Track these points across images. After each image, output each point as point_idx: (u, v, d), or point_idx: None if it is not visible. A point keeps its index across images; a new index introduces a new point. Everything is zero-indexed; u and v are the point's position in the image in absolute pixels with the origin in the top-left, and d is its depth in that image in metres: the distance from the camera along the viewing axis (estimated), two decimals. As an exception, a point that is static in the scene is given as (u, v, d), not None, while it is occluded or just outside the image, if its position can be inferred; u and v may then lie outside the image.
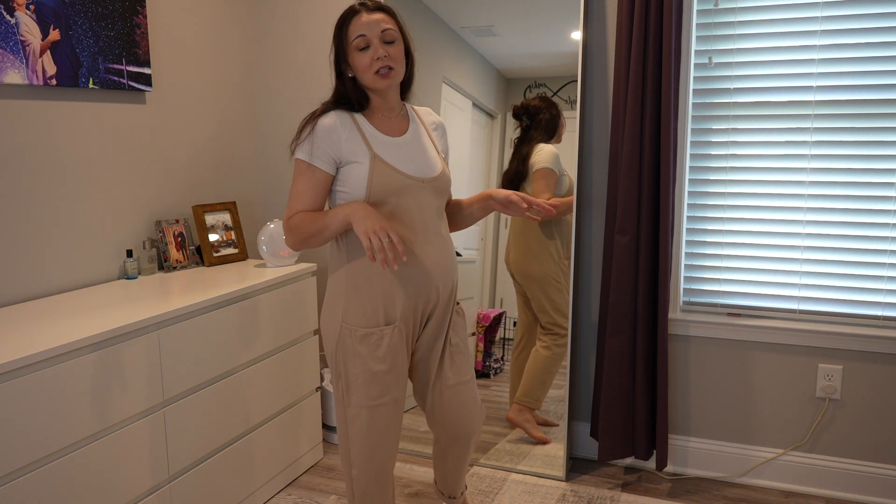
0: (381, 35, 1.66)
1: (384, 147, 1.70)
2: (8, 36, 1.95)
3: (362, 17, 1.67)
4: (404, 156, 1.72)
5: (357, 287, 1.70)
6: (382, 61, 1.65)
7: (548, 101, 2.57)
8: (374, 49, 1.66)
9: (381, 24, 1.66)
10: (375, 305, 1.69)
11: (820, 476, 2.48)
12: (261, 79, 3.04)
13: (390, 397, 1.73)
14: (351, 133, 1.69)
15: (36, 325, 1.80)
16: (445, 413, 1.86)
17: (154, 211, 2.53)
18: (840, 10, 2.29)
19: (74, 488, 1.71)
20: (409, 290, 1.70)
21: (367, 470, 1.76)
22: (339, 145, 1.68)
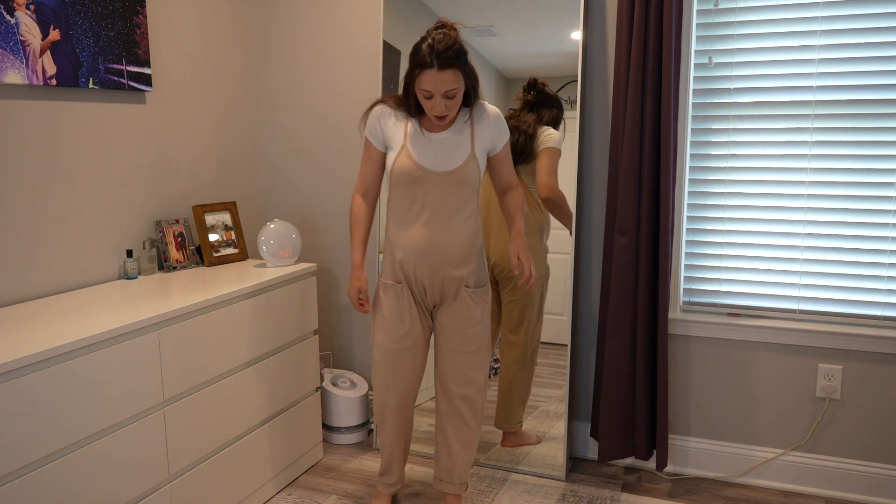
0: (445, 92, 1.91)
1: (417, 141, 2.03)
2: (8, 36, 1.95)
3: (432, 75, 1.89)
4: (430, 151, 2.03)
5: (387, 247, 2.14)
6: (440, 112, 1.95)
7: (560, 104, 2.54)
8: (436, 101, 1.93)
9: (447, 86, 1.90)
10: (395, 264, 2.11)
11: (820, 476, 2.48)
12: (261, 79, 3.04)
13: (402, 345, 2.13)
14: (397, 123, 2.06)
15: (36, 325, 1.80)
16: (446, 371, 2.17)
17: (154, 211, 2.53)
18: (840, 10, 2.29)
19: (74, 488, 1.71)
20: (415, 259, 2.07)
21: (383, 400, 2.22)
22: (384, 130, 2.07)
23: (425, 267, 2.07)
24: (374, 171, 2.14)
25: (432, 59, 1.88)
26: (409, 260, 2.07)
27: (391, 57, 2.73)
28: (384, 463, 2.35)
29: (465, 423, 2.20)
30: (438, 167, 2.01)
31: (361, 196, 2.17)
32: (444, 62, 1.88)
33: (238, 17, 2.91)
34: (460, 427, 2.21)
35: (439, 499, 2.47)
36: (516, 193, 2.17)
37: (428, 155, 2.02)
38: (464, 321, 2.12)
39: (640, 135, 2.36)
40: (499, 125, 2.08)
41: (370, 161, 2.13)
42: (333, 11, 2.88)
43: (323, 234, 3.05)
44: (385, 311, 2.14)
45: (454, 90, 1.92)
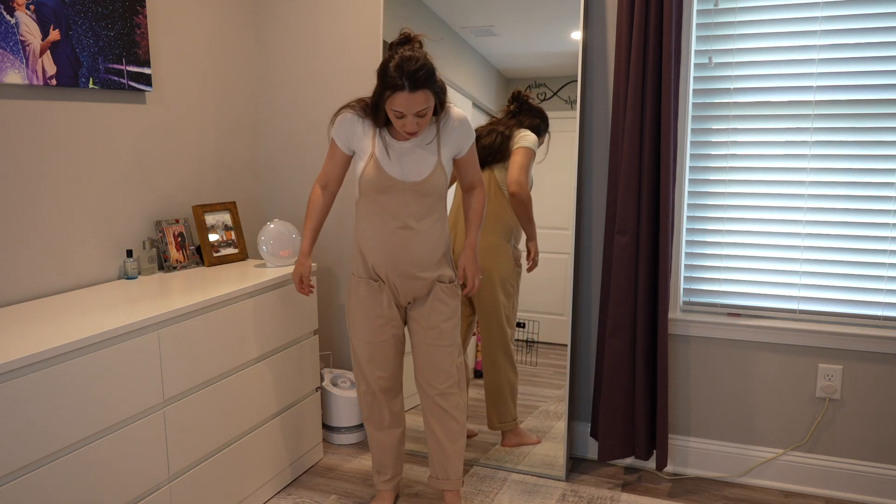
0: (417, 112, 1.95)
1: (385, 151, 2.07)
2: (8, 36, 1.95)
3: (403, 98, 1.92)
4: (398, 161, 2.07)
5: (358, 248, 2.19)
6: (411, 130, 1.98)
7: (544, 114, 2.56)
8: (408, 121, 1.96)
9: (419, 106, 1.93)
10: (367, 267, 2.17)
11: (820, 476, 2.48)
12: (261, 79, 3.04)
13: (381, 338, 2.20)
14: (365, 131, 2.10)
15: (36, 325, 1.80)
16: (424, 368, 2.22)
17: (154, 211, 2.53)
18: (840, 10, 2.29)
19: (74, 488, 1.71)
20: (386, 265, 2.13)
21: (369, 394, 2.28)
22: (352, 136, 2.11)
23: (396, 273, 2.13)
24: (337, 169, 2.19)
25: (403, 80, 1.89)
26: (381, 266, 2.13)
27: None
28: (377, 460, 2.37)
29: (450, 417, 2.24)
30: (406, 177, 2.06)
31: (322, 187, 2.22)
32: (414, 84, 1.89)
33: (238, 18, 2.91)
34: (445, 422, 2.24)
35: (439, 498, 2.47)
36: (479, 196, 2.23)
37: (396, 165, 2.06)
38: (438, 316, 2.17)
39: (640, 135, 2.36)
40: (463, 128, 2.11)
41: (334, 160, 2.18)
42: (334, 11, 2.88)
43: (323, 234, 3.05)
44: (361, 307, 2.19)
45: (425, 109, 1.95)
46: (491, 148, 2.55)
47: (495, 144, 2.56)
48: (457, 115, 2.10)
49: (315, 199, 2.22)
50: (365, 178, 2.07)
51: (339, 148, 2.15)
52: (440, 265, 2.17)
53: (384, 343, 2.21)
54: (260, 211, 3.12)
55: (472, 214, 2.23)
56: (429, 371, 2.22)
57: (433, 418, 2.26)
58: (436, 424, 2.26)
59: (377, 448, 2.36)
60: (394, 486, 2.40)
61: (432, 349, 2.20)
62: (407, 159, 2.07)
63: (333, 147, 2.16)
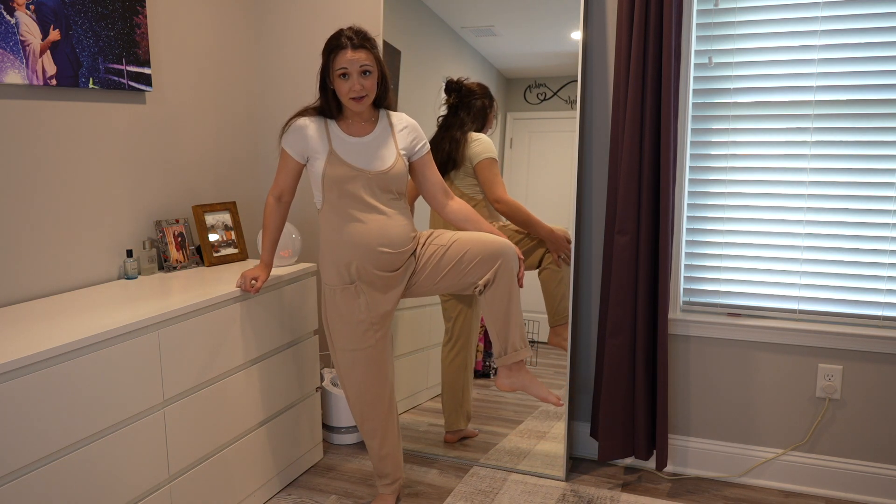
0: (360, 69, 2.04)
1: (343, 145, 2.11)
2: (8, 36, 1.95)
3: (347, 54, 2.03)
4: (358, 152, 2.11)
5: (327, 255, 2.16)
6: (357, 91, 2.05)
7: (485, 90, 2.57)
8: (352, 81, 2.04)
9: (361, 62, 2.04)
10: (340, 268, 2.13)
11: (820, 476, 2.48)
12: (261, 79, 3.04)
13: (370, 342, 2.17)
14: (319, 133, 2.13)
15: (36, 325, 1.80)
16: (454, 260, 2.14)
17: (154, 211, 2.53)
18: (840, 10, 2.29)
19: (74, 488, 1.71)
20: (357, 254, 2.10)
21: (362, 403, 2.25)
22: (305, 141, 2.13)
23: (374, 255, 2.10)
24: (289, 179, 2.20)
25: (346, 40, 2.03)
26: (357, 256, 2.10)
27: (391, 57, 2.73)
28: (377, 466, 2.35)
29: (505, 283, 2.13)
30: (371, 166, 2.10)
31: (276, 199, 2.23)
32: (357, 42, 2.03)
33: (238, 17, 2.91)
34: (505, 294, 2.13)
35: (439, 499, 2.47)
36: (459, 202, 2.24)
37: (358, 155, 2.10)
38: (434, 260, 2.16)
39: (640, 135, 2.36)
40: (413, 127, 2.20)
41: (286, 170, 2.19)
42: (334, 11, 2.88)
43: (323, 234, 3.05)
44: (339, 314, 2.17)
45: (369, 67, 2.04)
46: (440, 156, 2.56)
47: (444, 152, 2.57)
48: (404, 116, 2.21)
49: (270, 213, 2.24)
50: (328, 174, 2.08)
51: (290, 157, 2.16)
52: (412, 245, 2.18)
53: (370, 349, 2.18)
54: (260, 211, 3.12)
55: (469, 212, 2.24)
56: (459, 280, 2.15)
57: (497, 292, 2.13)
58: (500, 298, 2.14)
59: (375, 457, 2.35)
60: (394, 489, 2.39)
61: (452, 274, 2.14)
62: (366, 152, 2.11)
63: (284, 157, 2.17)
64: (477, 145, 2.55)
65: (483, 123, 2.60)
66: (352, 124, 2.15)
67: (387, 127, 2.17)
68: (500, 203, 2.55)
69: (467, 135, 2.57)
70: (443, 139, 2.59)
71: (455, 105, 2.59)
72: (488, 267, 2.10)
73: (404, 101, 2.74)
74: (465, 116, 2.58)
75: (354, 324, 2.16)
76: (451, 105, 2.60)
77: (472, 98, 2.58)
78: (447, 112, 2.61)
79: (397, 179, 2.12)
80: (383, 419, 2.27)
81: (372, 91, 2.08)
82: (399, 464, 2.37)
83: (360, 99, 2.06)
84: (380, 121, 2.17)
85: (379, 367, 2.22)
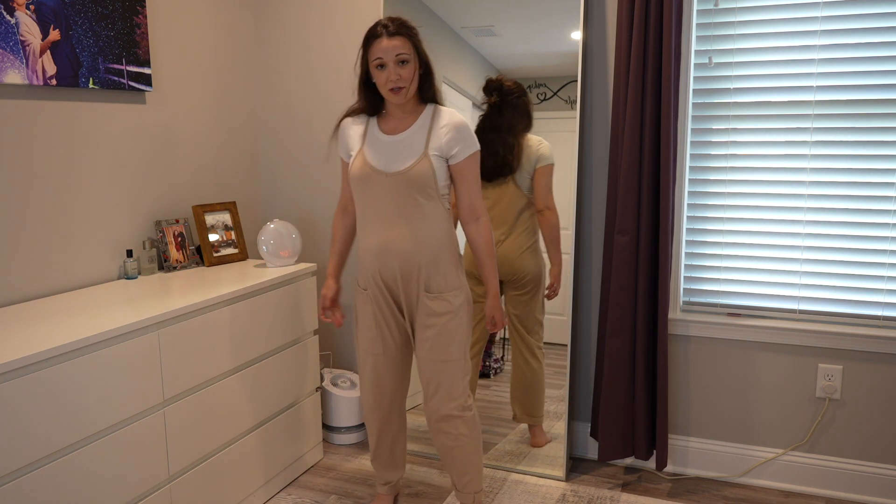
0: (396, 58, 1.92)
1: (374, 143, 2.03)
2: (8, 36, 1.95)
3: (382, 42, 1.93)
4: (383, 151, 2.01)
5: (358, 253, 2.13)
6: (394, 82, 1.94)
7: (522, 87, 2.52)
8: (389, 70, 1.93)
9: (397, 50, 1.92)
10: (363, 269, 2.11)
11: (820, 476, 2.48)
12: (261, 79, 3.04)
13: (374, 350, 2.14)
14: (357, 131, 2.07)
15: (36, 324, 1.80)
16: (423, 383, 2.11)
17: (154, 211, 2.53)
18: (840, 10, 2.29)
19: (74, 488, 1.71)
20: (373, 261, 2.06)
21: (367, 402, 2.23)
22: (346, 141, 2.09)
23: (385, 269, 2.04)
24: (348, 186, 2.17)
25: (381, 28, 1.94)
26: (372, 263, 2.06)
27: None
28: (371, 463, 2.35)
29: (444, 436, 2.12)
30: (389, 168, 1.98)
31: (341, 210, 2.22)
32: (393, 30, 1.93)
33: (238, 18, 2.91)
34: (444, 443, 2.13)
35: (439, 499, 2.47)
36: (484, 229, 2.06)
37: (381, 155, 2.00)
38: (427, 329, 2.05)
39: (640, 135, 2.36)
40: (458, 128, 1.98)
41: (344, 175, 2.17)
42: (334, 11, 2.88)
43: (323, 234, 3.05)
44: (359, 316, 2.17)
45: (405, 55, 1.93)
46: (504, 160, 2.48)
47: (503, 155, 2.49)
48: (454, 114, 2.02)
49: (335, 224, 2.23)
50: (352, 171, 2.03)
51: (343, 161, 2.13)
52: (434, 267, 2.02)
53: (377, 356, 2.15)
54: (260, 211, 3.12)
55: (483, 255, 2.06)
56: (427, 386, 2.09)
57: (436, 438, 2.15)
58: (438, 445, 2.16)
59: (370, 455, 2.34)
60: (387, 490, 2.38)
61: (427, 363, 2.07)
62: (393, 150, 1.99)
63: (342, 164, 2.15)
64: (542, 148, 2.47)
65: (529, 123, 2.51)
66: (390, 120, 2.04)
67: (426, 123, 2.01)
68: (549, 210, 2.50)
69: (523, 137, 2.50)
70: (493, 142, 2.49)
71: (497, 105, 2.50)
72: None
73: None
74: (513, 117, 2.49)
75: (364, 328, 2.15)
76: (493, 104, 2.50)
77: (514, 96, 2.50)
78: (488, 112, 2.52)
79: (417, 182, 1.96)
80: (378, 424, 2.25)
81: (410, 81, 1.95)
82: (392, 467, 2.33)
83: (397, 90, 1.94)
84: (421, 116, 2.02)
85: (381, 376, 2.17)
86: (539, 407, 2.64)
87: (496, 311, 2.10)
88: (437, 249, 2.02)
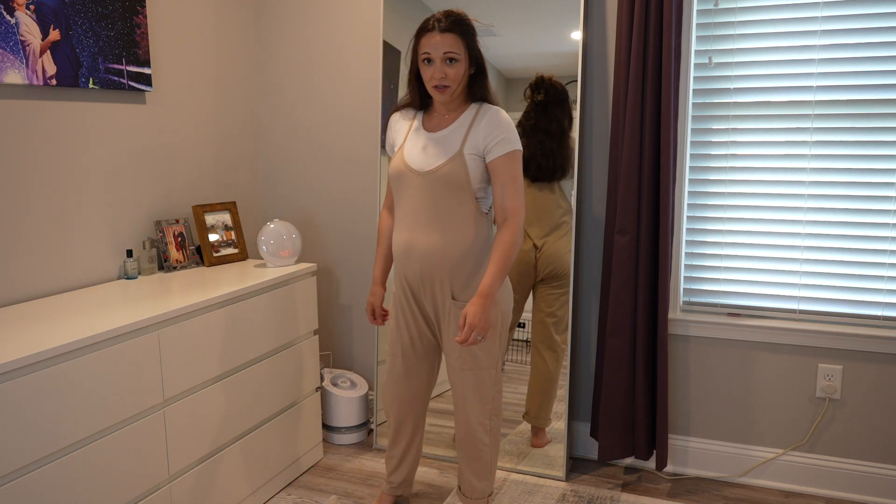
0: (444, 56, 1.86)
1: (415, 140, 1.98)
2: (8, 36, 1.95)
3: (432, 38, 1.87)
4: (421, 148, 1.95)
5: None
6: (439, 80, 1.88)
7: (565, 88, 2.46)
8: (434, 67, 1.88)
9: (446, 48, 1.86)
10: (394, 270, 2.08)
11: (820, 476, 2.48)
12: (261, 79, 3.04)
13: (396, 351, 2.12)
14: (403, 126, 2.04)
15: (36, 325, 1.80)
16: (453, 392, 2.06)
17: (154, 211, 2.53)
18: (840, 10, 2.29)
19: (74, 488, 1.71)
20: (398, 262, 2.03)
21: (385, 400, 2.23)
22: (392, 135, 2.07)
23: (408, 272, 2.00)
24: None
25: (433, 22, 1.87)
26: (399, 263, 2.03)
27: (391, 57, 2.73)
28: (388, 464, 2.33)
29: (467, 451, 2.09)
30: (423, 166, 1.92)
31: (386, 209, 2.18)
32: (445, 25, 1.86)
33: (238, 17, 2.91)
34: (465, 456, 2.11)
35: (439, 499, 2.47)
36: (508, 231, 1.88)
37: (417, 153, 1.95)
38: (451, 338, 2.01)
39: (640, 135, 2.36)
40: (496, 125, 1.88)
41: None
42: (333, 11, 2.88)
43: (323, 234, 3.05)
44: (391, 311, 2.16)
45: (454, 54, 1.85)
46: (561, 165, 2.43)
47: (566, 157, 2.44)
48: (498, 111, 1.91)
49: (380, 225, 2.18)
50: (390, 168, 1.99)
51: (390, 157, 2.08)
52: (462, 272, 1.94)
53: (394, 357, 2.14)
54: (260, 211, 3.12)
55: (495, 254, 1.87)
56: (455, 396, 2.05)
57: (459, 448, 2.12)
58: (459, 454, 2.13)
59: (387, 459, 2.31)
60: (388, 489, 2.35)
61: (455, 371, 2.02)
62: (431, 148, 1.93)
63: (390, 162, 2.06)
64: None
65: (571, 124, 2.46)
66: (434, 117, 1.99)
67: (468, 122, 1.93)
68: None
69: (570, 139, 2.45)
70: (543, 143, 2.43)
71: (543, 103, 2.44)
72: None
73: (404, 101, 2.74)
74: (562, 118, 2.43)
75: (389, 329, 2.15)
76: (539, 103, 2.44)
77: (563, 96, 2.42)
78: (532, 110, 2.45)
79: (448, 182, 1.89)
80: (394, 425, 2.24)
81: (456, 81, 1.88)
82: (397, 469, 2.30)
83: (442, 89, 1.88)
84: (464, 114, 1.94)
85: (398, 377, 2.15)
86: (549, 410, 2.65)
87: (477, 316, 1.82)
88: (466, 254, 1.94)
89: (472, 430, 2.05)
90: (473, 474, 2.11)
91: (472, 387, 2.01)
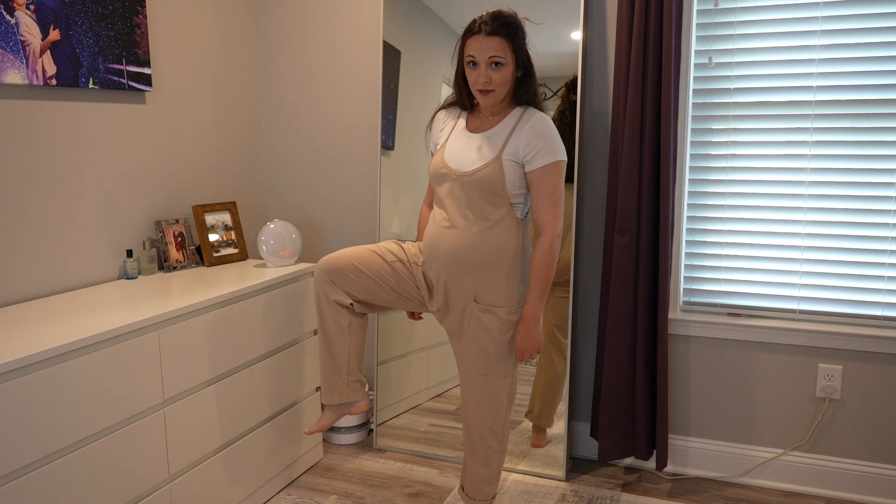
0: (489, 59, 1.82)
1: (457, 140, 1.95)
2: (8, 36, 1.95)
3: (478, 40, 1.83)
4: (462, 149, 1.92)
5: None
6: (483, 84, 1.84)
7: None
8: (479, 70, 1.84)
9: (491, 51, 1.81)
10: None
11: (820, 476, 2.48)
12: (261, 78, 3.04)
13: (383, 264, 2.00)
14: (448, 125, 2.01)
15: (36, 325, 1.80)
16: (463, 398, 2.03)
17: (154, 211, 2.53)
18: (840, 10, 2.29)
19: (74, 488, 1.71)
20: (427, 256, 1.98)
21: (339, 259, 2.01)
22: (436, 133, 2.04)
23: (429, 269, 1.98)
24: None
25: (480, 24, 1.82)
26: (425, 257, 1.98)
27: (391, 57, 2.73)
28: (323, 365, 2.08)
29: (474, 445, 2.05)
30: (460, 167, 1.88)
31: (427, 206, 2.15)
32: (491, 28, 1.81)
33: (238, 17, 2.91)
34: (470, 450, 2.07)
35: (439, 499, 2.47)
36: (541, 248, 1.88)
37: (458, 154, 1.91)
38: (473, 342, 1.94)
39: (640, 135, 2.36)
40: (537, 134, 1.84)
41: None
42: (333, 11, 2.88)
43: (323, 234, 3.05)
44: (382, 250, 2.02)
45: (500, 59, 1.81)
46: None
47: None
48: (543, 118, 1.87)
49: (420, 220, 2.14)
50: (429, 168, 1.98)
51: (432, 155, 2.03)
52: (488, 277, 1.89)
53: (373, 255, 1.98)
54: (260, 211, 3.12)
55: (531, 274, 1.88)
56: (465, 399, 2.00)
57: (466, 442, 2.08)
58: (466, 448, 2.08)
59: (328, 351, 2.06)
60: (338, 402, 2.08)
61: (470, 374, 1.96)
62: (471, 150, 1.90)
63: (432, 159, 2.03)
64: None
65: None
66: (478, 118, 1.95)
67: (510, 126, 1.88)
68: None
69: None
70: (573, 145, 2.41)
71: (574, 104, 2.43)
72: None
73: (405, 101, 2.74)
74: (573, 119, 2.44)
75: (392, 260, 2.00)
76: (574, 103, 2.42)
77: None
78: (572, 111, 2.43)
79: (483, 186, 1.85)
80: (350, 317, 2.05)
81: (502, 86, 1.84)
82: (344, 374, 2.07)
83: (486, 92, 1.84)
84: (507, 117, 1.90)
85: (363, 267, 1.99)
86: (552, 410, 2.64)
87: (526, 341, 1.89)
88: (491, 259, 1.89)
89: (484, 437, 2.02)
90: (481, 479, 2.09)
91: (489, 395, 1.98)
